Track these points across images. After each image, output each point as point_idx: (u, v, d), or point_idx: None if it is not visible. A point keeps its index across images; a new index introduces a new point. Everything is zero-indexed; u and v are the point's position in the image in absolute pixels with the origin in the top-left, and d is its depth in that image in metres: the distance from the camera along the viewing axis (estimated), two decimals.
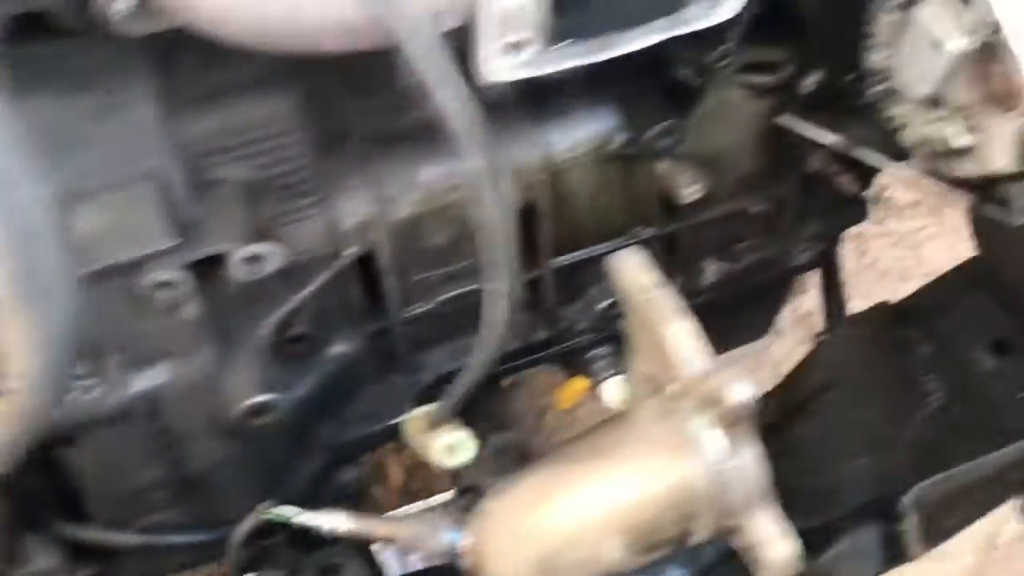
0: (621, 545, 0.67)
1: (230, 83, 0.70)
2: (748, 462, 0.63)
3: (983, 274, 1.08)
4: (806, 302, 1.46)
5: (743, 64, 0.83)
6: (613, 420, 0.76)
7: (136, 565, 0.84)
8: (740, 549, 0.66)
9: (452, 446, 0.84)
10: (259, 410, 0.75)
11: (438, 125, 0.55)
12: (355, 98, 0.77)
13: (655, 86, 0.82)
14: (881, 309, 1.15)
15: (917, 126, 0.70)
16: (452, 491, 0.96)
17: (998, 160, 0.64)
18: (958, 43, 0.62)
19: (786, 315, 1.42)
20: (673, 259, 0.95)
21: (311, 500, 0.81)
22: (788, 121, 0.82)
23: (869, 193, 0.97)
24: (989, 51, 0.61)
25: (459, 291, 0.86)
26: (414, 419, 0.84)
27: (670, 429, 0.66)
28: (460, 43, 0.57)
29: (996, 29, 0.60)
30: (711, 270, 0.99)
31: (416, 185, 0.79)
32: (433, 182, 0.80)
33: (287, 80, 0.71)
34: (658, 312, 0.65)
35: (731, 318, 1.15)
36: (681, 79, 0.81)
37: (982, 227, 1.04)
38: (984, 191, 0.72)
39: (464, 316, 0.89)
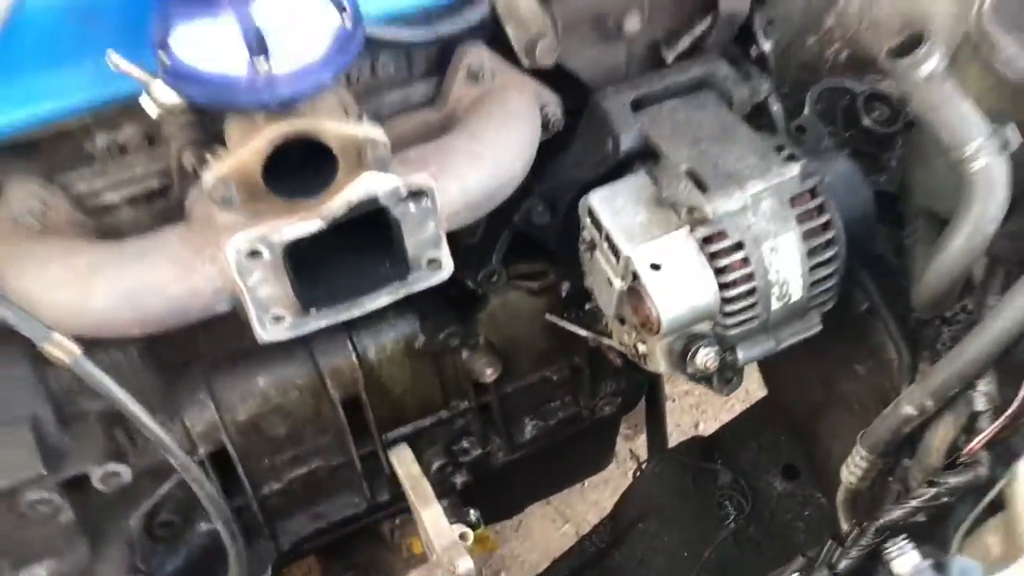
0: None
1: None
2: None
3: (773, 411, 1.28)
4: None
5: (516, 273, 1.04)
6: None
7: None
8: None
9: None
10: None
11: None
12: (200, 331, 0.98)
13: (446, 297, 1.04)
14: (691, 443, 1.34)
15: (619, 334, 0.90)
16: None
17: (661, 365, 0.84)
18: (617, 283, 0.83)
19: None
20: (491, 423, 1.15)
21: None
22: (552, 318, 1.03)
23: None
24: (634, 292, 0.82)
25: (304, 470, 1.06)
26: None
27: None
28: None
29: (636, 276, 0.80)
30: (529, 428, 1.18)
31: (254, 392, 1.00)
32: (269, 387, 1.00)
33: None
34: (420, 497, 0.85)
35: (567, 460, 1.35)
36: (466, 290, 1.03)
37: (769, 374, 1.25)
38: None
39: (312, 489, 1.09)
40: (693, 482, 1.24)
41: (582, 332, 1.00)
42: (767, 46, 0.94)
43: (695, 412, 1.72)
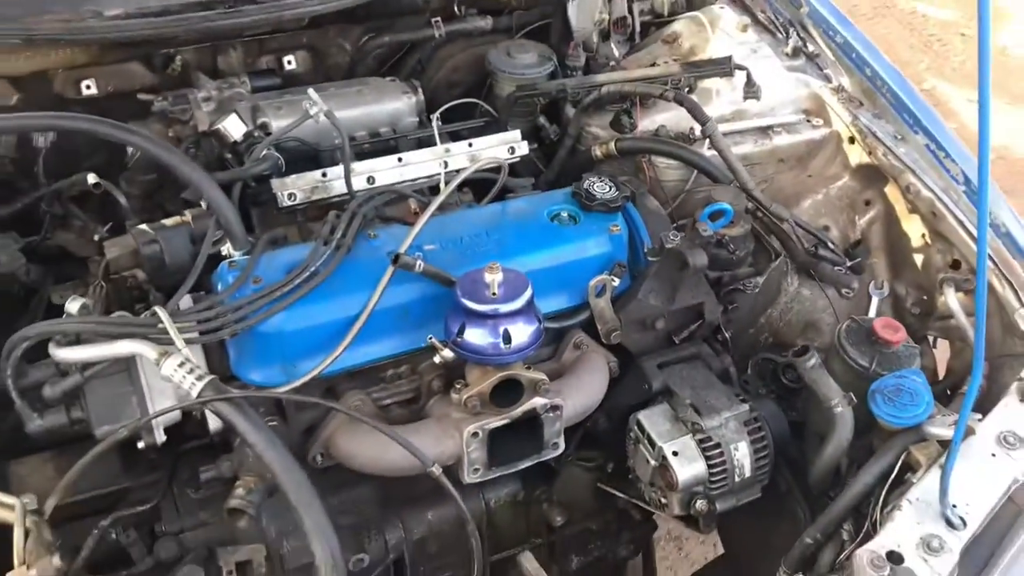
0: None
1: None
2: None
3: (727, 564, 1.95)
4: None
5: (580, 457, 1.73)
6: None
7: None
8: None
9: None
10: None
11: None
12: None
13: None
14: None
15: (648, 493, 1.59)
16: None
17: (676, 509, 1.53)
18: (653, 462, 1.53)
19: None
20: (553, 556, 1.81)
21: None
22: (603, 485, 1.72)
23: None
24: (663, 467, 1.52)
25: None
26: None
27: None
28: None
29: (664, 458, 1.51)
30: (575, 561, 1.84)
31: (425, 521, 1.65)
32: (433, 519, 1.65)
33: None
34: None
35: None
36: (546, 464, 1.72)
37: (725, 534, 1.92)
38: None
39: None
40: None
41: (620, 495, 1.69)
42: (728, 334, 1.70)
43: (669, 573, 2.38)
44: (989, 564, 1.34)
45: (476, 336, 1.36)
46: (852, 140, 1.82)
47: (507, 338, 1.36)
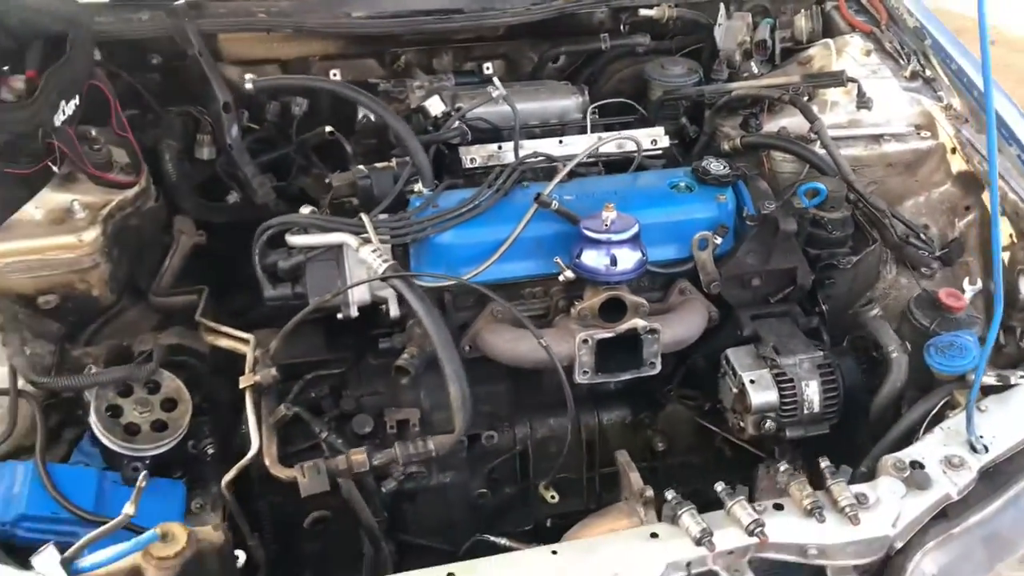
0: None
1: None
2: None
3: None
4: None
5: (681, 394, 2.06)
6: None
7: None
8: None
9: None
10: None
11: None
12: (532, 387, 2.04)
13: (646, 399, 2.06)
14: None
15: (730, 418, 1.90)
16: None
17: (750, 430, 1.83)
18: (735, 389, 1.85)
19: None
20: (656, 482, 2.13)
21: None
22: (700, 420, 2.03)
23: None
24: (742, 392, 1.83)
25: (562, 475, 2.06)
26: None
27: None
28: None
29: (743, 386, 1.82)
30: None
31: (549, 425, 2.03)
32: (555, 424, 2.03)
33: None
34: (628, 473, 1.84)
35: None
36: (653, 397, 2.05)
37: None
38: None
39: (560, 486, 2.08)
40: None
41: (715, 429, 2.00)
42: (824, 308, 1.99)
43: None
44: (1005, 487, 1.57)
45: (591, 258, 1.75)
46: (954, 151, 2.08)
47: (614, 261, 1.74)
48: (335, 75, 2.32)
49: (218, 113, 2.11)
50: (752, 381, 1.81)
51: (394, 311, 1.85)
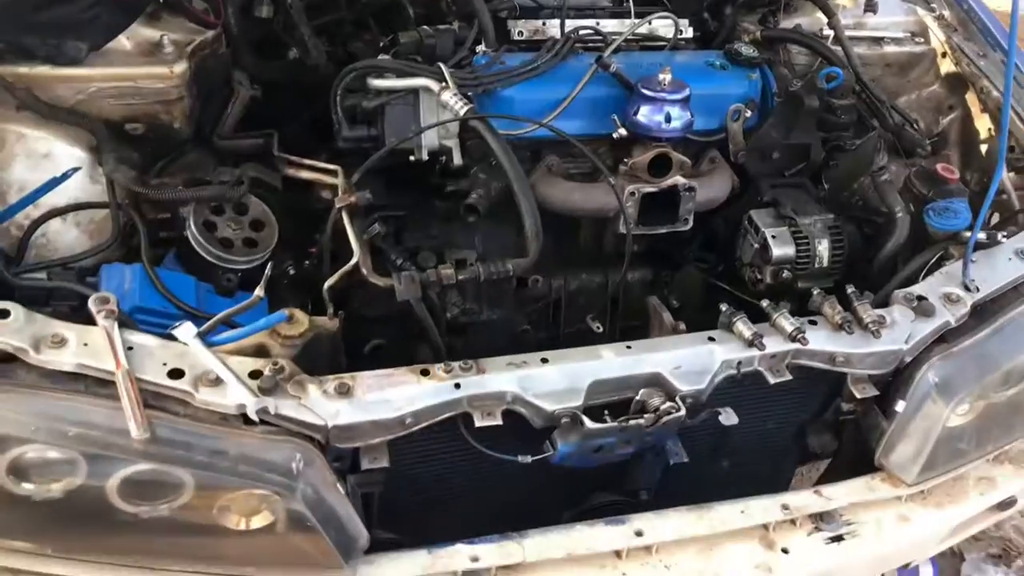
0: None
1: None
2: None
3: None
4: None
5: (695, 256, 2.30)
6: None
7: None
8: None
9: None
10: None
11: None
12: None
13: (663, 257, 2.30)
14: None
15: (747, 273, 2.15)
16: None
17: (768, 278, 2.09)
18: (756, 244, 2.10)
19: None
20: None
21: None
22: (715, 281, 2.28)
23: None
24: (764, 246, 2.09)
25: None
26: None
27: None
28: None
29: (765, 240, 2.08)
30: None
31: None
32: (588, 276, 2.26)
33: None
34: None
35: None
36: (672, 257, 2.30)
37: None
38: None
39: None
40: None
41: (725, 287, 2.25)
42: (826, 187, 2.25)
43: None
44: (991, 319, 1.86)
45: (646, 114, 1.97)
46: (944, 55, 2.36)
47: (668, 118, 1.96)
48: None
49: None
50: (774, 236, 2.06)
51: (457, 159, 2.03)
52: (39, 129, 1.86)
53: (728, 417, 1.69)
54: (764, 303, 1.79)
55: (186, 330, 1.53)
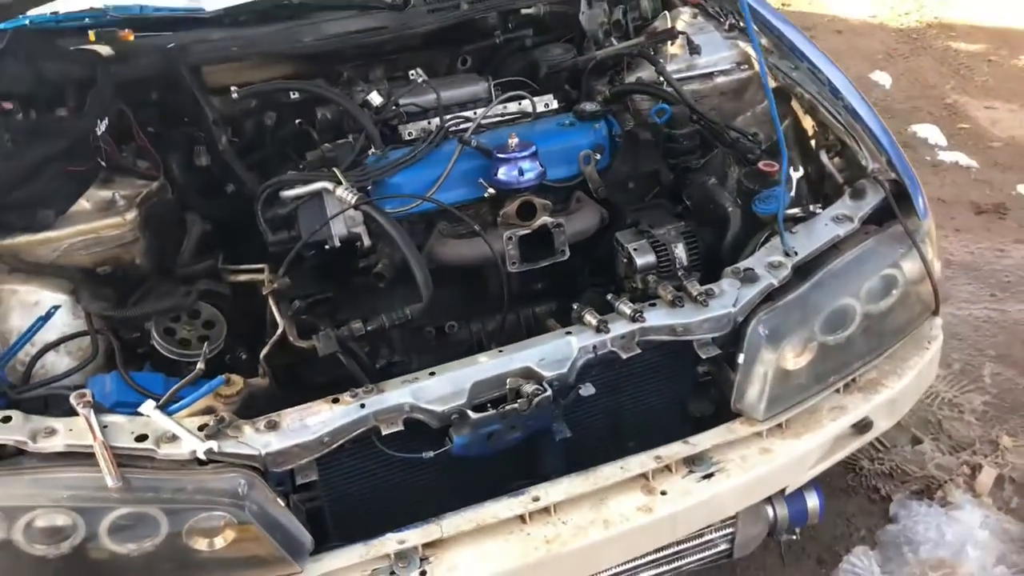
0: None
1: None
2: None
3: None
4: None
5: (591, 282, 2.70)
6: None
7: None
8: None
9: None
10: None
11: None
12: None
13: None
14: None
15: (627, 285, 2.54)
16: None
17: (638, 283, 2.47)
18: (626, 263, 2.49)
19: None
20: None
21: None
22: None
23: None
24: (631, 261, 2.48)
25: None
26: None
27: None
28: None
29: (630, 257, 2.47)
30: None
31: None
32: None
33: None
34: None
35: None
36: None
37: None
38: None
39: None
40: None
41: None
42: (688, 203, 2.65)
43: None
44: (809, 277, 2.22)
45: (504, 172, 2.41)
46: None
47: (521, 172, 2.40)
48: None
49: (209, 128, 2.75)
50: (635, 249, 2.45)
51: (367, 241, 2.47)
52: (27, 284, 2.34)
53: (587, 389, 2.06)
54: (609, 296, 2.17)
55: (148, 405, 1.95)
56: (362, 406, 1.95)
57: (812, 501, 2.25)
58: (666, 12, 3.01)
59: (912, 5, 6.37)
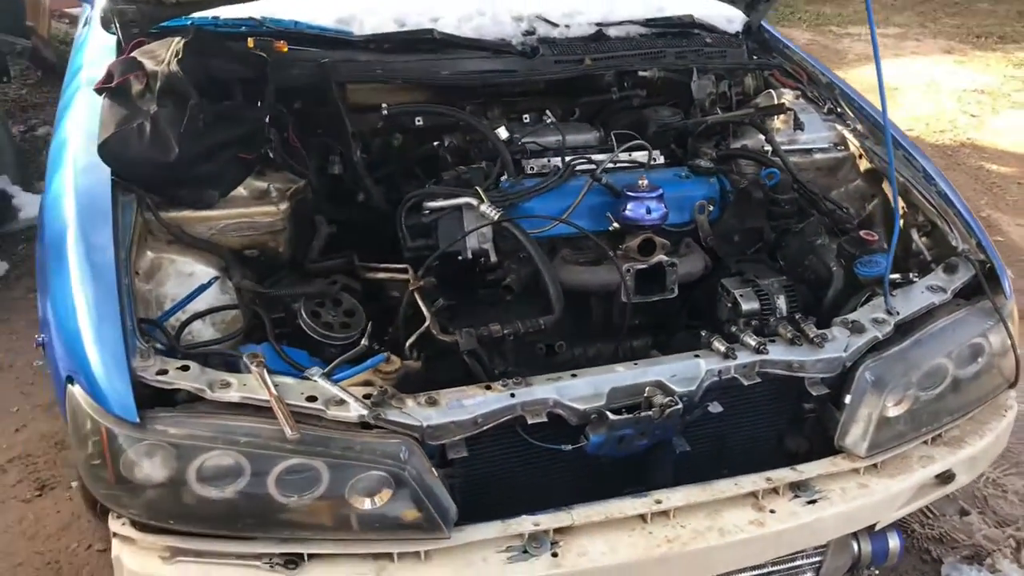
0: None
1: None
2: None
3: None
4: None
5: (686, 324, 2.90)
6: None
7: None
8: None
9: None
10: None
11: None
12: None
13: None
14: None
15: None
16: None
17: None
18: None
19: None
20: None
21: None
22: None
23: None
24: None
25: None
26: None
27: None
28: None
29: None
30: None
31: None
32: None
33: None
34: None
35: None
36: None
37: None
38: None
39: None
40: None
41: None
42: (782, 263, 2.88)
43: None
44: (909, 335, 2.44)
45: (632, 209, 2.63)
46: (860, 157, 3.05)
47: (649, 211, 2.62)
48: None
49: (347, 141, 2.97)
50: (741, 295, 2.66)
51: (493, 257, 2.68)
52: (184, 255, 2.52)
53: (715, 407, 2.25)
54: (733, 328, 2.37)
55: (315, 371, 2.12)
56: (512, 395, 2.12)
57: (894, 542, 2.43)
58: (771, 90, 3.29)
59: (947, 124, 6.77)
